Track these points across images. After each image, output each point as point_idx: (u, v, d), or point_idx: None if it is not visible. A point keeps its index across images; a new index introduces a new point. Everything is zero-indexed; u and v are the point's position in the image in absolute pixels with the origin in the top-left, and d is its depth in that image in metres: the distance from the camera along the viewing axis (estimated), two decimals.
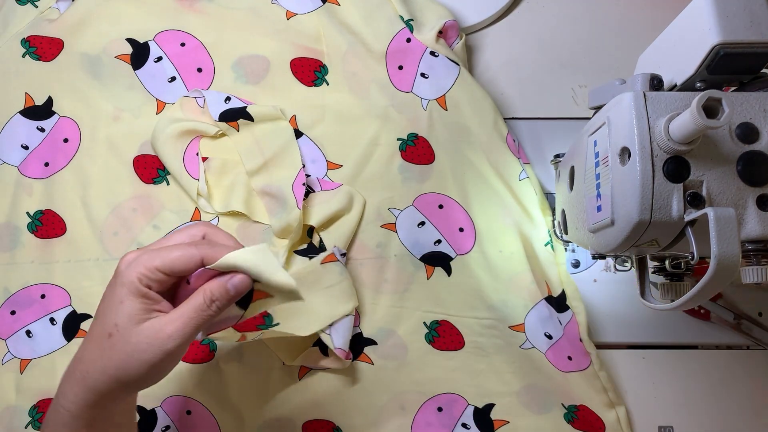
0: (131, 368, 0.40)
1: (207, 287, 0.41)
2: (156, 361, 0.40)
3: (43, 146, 0.65)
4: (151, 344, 0.39)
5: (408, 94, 0.67)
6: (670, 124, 0.40)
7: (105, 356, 0.40)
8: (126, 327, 0.40)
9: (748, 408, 0.62)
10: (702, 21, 0.42)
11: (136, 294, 0.40)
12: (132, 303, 0.40)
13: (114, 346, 0.40)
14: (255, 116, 0.64)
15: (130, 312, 0.40)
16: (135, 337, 0.40)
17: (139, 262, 0.40)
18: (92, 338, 0.41)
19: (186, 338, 0.40)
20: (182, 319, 0.40)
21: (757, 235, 0.40)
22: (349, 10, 0.68)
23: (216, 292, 0.41)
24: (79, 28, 0.67)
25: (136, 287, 0.40)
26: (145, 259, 0.41)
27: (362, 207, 0.63)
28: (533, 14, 0.73)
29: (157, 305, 0.41)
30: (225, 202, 0.63)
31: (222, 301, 0.41)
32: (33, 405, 0.59)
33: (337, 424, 0.59)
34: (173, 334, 0.40)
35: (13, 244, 0.63)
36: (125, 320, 0.40)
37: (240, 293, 0.42)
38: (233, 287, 0.41)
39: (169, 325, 0.40)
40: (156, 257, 0.41)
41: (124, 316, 0.40)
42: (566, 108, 0.70)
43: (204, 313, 0.40)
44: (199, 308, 0.40)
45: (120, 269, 0.41)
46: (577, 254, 0.65)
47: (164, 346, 0.40)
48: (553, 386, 0.60)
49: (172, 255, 0.41)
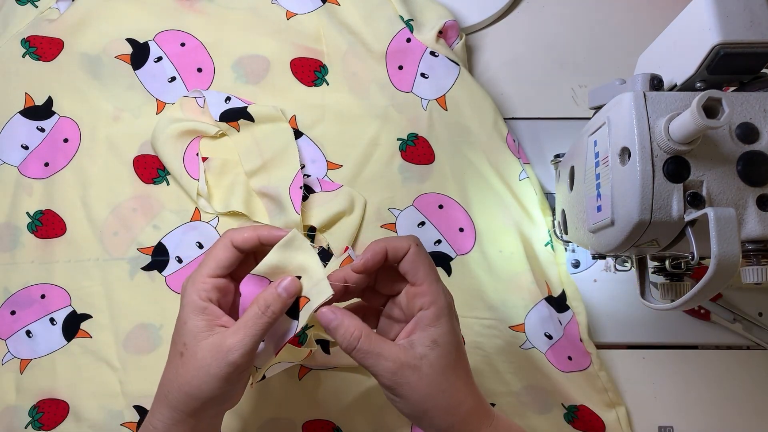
0: (202, 383, 0.41)
1: (260, 296, 0.43)
2: (223, 374, 0.41)
3: (43, 146, 0.65)
4: (215, 357, 0.41)
5: (408, 94, 0.67)
6: (670, 124, 0.40)
7: (179, 375, 0.42)
8: (193, 344, 0.42)
9: (748, 408, 0.62)
10: (702, 21, 0.42)
11: (197, 311, 0.43)
12: (195, 321, 0.42)
13: (185, 364, 0.42)
14: (255, 116, 0.64)
15: (194, 330, 0.42)
16: (201, 353, 0.42)
17: (192, 279, 0.44)
18: (169, 361, 0.44)
19: (247, 348, 0.41)
20: (242, 330, 0.42)
21: (757, 235, 0.40)
22: (349, 10, 0.68)
23: (269, 298, 0.42)
24: (79, 28, 0.67)
25: (196, 304, 0.43)
26: (195, 273, 0.44)
27: (363, 208, 0.63)
28: (533, 14, 0.73)
29: (219, 320, 0.43)
30: (225, 202, 0.63)
31: (276, 305, 0.42)
32: (33, 405, 0.59)
33: (337, 424, 0.59)
34: (234, 345, 0.41)
35: (13, 244, 0.63)
36: (191, 338, 0.42)
37: (291, 294, 0.43)
38: (284, 290, 0.42)
39: (231, 337, 0.41)
40: (203, 267, 0.44)
41: (189, 334, 0.42)
42: (566, 108, 0.70)
43: (261, 321, 0.42)
44: (255, 317, 0.42)
45: (182, 293, 0.44)
46: (577, 254, 0.65)
47: (228, 358, 0.41)
48: (553, 386, 0.60)
49: (212, 254, 0.44)
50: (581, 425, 0.59)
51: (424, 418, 0.43)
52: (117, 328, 0.61)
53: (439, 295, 0.43)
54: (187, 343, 0.42)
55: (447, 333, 0.43)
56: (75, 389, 0.60)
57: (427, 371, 0.42)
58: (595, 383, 0.60)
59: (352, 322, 0.42)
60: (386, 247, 0.43)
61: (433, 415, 0.42)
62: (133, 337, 0.61)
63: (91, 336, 0.61)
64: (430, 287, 0.43)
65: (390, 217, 0.64)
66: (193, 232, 0.63)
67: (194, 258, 0.63)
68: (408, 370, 0.41)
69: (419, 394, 0.42)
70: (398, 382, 0.41)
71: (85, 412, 0.59)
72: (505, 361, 0.61)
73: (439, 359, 0.42)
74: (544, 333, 0.61)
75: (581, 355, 0.61)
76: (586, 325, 0.62)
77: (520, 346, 0.61)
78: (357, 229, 0.63)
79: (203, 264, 0.44)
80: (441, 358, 0.42)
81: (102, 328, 0.61)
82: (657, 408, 0.62)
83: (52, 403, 0.59)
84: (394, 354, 0.42)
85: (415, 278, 0.43)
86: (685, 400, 0.62)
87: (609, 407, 0.60)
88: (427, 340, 0.42)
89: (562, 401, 0.60)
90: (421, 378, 0.41)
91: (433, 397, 0.42)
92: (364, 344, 0.42)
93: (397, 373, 0.41)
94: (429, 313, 0.43)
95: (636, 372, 0.63)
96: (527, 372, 0.60)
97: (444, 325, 0.43)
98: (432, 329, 0.42)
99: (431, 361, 0.42)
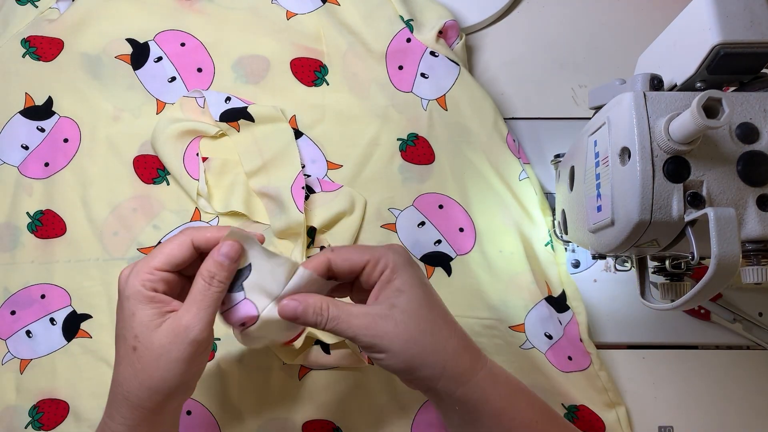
0: (164, 372, 0.40)
1: (202, 267, 0.42)
2: (185, 356, 0.40)
3: (43, 146, 0.65)
4: (174, 341, 0.40)
5: (408, 94, 0.67)
6: (670, 124, 0.40)
7: (137, 370, 0.41)
8: (146, 334, 0.40)
9: (748, 408, 0.62)
10: (702, 21, 0.42)
11: (144, 301, 0.41)
12: (143, 311, 0.41)
13: (142, 358, 0.40)
14: (255, 116, 0.64)
15: (144, 320, 0.41)
16: (157, 341, 0.40)
17: (137, 269, 0.42)
18: (120, 359, 0.42)
19: (204, 323, 0.41)
20: (194, 306, 0.41)
21: (757, 235, 0.40)
22: (349, 10, 0.68)
23: (211, 268, 0.41)
24: (79, 28, 0.67)
25: (142, 294, 0.41)
26: (141, 264, 0.42)
27: (363, 208, 0.63)
28: (533, 14, 0.73)
29: (168, 306, 0.42)
30: (225, 202, 0.63)
31: (220, 273, 0.41)
32: (33, 405, 0.59)
33: (337, 424, 0.59)
34: (191, 322, 0.40)
35: (13, 244, 0.63)
36: (143, 329, 0.40)
37: (231, 257, 0.42)
38: (222, 256, 0.41)
39: (185, 315, 0.40)
40: (151, 259, 0.42)
41: (140, 325, 0.40)
42: (566, 108, 0.70)
43: (210, 292, 0.41)
44: (204, 289, 0.41)
45: (121, 285, 0.42)
46: (577, 254, 0.65)
47: (188, 336, 0.40)
48: (553, 386, 0.60)
49: (165, 249, 0.42)
50: (581, 425, 0.59)
51: (414, 366, 0.43)
52: None
53: (385, 254, 0.44)
54: (139, 335, 0.40)
55: (408, 280, 0.43)
56: (75, 389, 0.60)
57: (401, 317, 0.42)
58: (595, 383, 0.60)
59: (315, 298, 0.43)
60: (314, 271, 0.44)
61: (422, 360, 0.42)
62: None
63: (91, 336, 0.61)
64: (371, 256, 0.43)
65: (390, 217, 0.64)
66: None
67: None
68: (381, 320, 0.42)
69: (400, 341, 0.42)
70: (376, 335, 0.42)
71: (85, 412, 0.59)
72: (505, 361, 0.61)
73: (409, 303, 0.43)
74: (544, 333, 0.61)
75: (581, 355, 0.61)
76: (586, 325, 0.62)
77: (520, 346, 0.61)
78: (357, 230, 0.63)
79: (151, 256, 0.42)
80: (411, 301, 0.43)
81: (102, 328, 0.61)
82: (657, 408, 0.62)
83: (52, 403, 0.59)
84: (363, 310, 0.42)
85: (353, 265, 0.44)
86: (685, 400, 0.62)
87: (609, 407, 0.60)
88: (391, 292, 0.43)
89: (562, 401, 0.60)
90: (397, 324, 0.42)
91: (415, 340, 0.42)
92: (333, 311, 0.42)
93: (371, 327, 0.42)
94: (384, 275, 0.43)
95: (636, 372, 0.63)
96: (527, 372, 0.60)
97: (402, 274, 0.43)
98: (392, 283, 0.43)
99: (402, 308, 0.42)
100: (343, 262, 0.44)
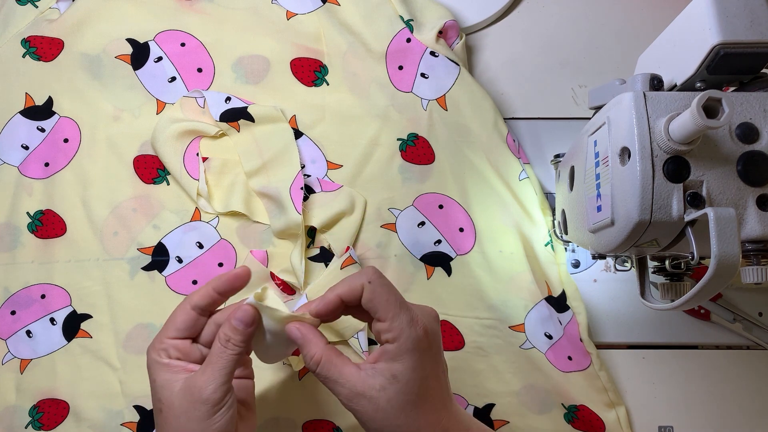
0: (188, 430, 0.42)
1: (220, 331, 0.44)
2: (202, 415, 0.42)
3: (43, 146, 0.65)
4: (192, 401, 0.42)
5: (408, 94, 0.67)
6: (670, 124, 0.40)
7: (165, 431, 0.43)
8: (168, 397, 0.43)
9: (748, 408, 0.62)
10: (702, 21, 0.42)
11: (161, 368, 0.44)
12: (161, 376, 0.44)
13: (167, 420, 0.43)
14: (255, 116, 0.64)
15: (164, 383, 0.44)
16: (177, 402, 0.43)
17: (152, 341, 0.45)
18: (155, 424, 0.45)
19: (220, 383, 0.42)
20: (209, 367, 0.43)
21: (757, 235, 0.40)
22: (349, 10, 0.68)
23: (228, 332, 0.43)
24: (79, 28, 0.67)
25: (158, 363, 0.44)
26: (156, 335, 0.46)
27: (363, 208, 0.63)
28: (533, 14, 0.73)
29: (186, 368, 0.44)
30: (225, 202, 0.63)
31: (236, 337, 0.43)
32: (33, 405, 0.59)
33: (337, 424, 0.59)
34: (204, 383, 0.42)
35: (13, 244, 0.63)
36: (165, 392, 0.43)
37: (247, 322, 0.43)
38: (237, 321, 0.43)
39: (199, 377, 0.43)
40: (163, 331, 0.46)
41: (161, 389, 0.44)
42: (566, 108, 0.70)
43: (225, 355, 0.43)
44: (219, 352, 0.43)
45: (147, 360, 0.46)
46: (577, 254, 0.65)
47: (201, 396, 0.42)
48: (553, 386, 0.60)
49: (172, 319, 0.46)
50: (581, 425, 0.59)
51: None
52: (117, 328, 0.61)
53: (402, 331, 0.42)
54: (162, 398, 0.43)
55: (409, 369, 0.42)
56: (75, 389, 0.60)
57: (384, 405, 0.41)
58: (595, 383, 0.60)
59: (316, 344, 0.43)
60: (340, 295, 0.44)
61: None
62: (133, 337, 0.61)
63: (91, 336, 0.61)
64: (391, 324, 0.42)
65: (390, 217, 0.64)
66: (193, 232, 0.63)
67: (194, 258, 0.63)
68: (364, 400, 0.42)
69: (375, 424, 0.42)
70: (354, 408, 0.42)
71: (85, 412, 0.59)
72: (505, 361, 0.61)
73: (398, 395, 0.41)
74: (544, 333, 0.61)
75: (581, 355, 0.61)
76: (586, 325, 0.62)
77: (520, 346, 0.61)
78: (358, 229, 0.63)
79: (163, 327, 0.46)
80: (400, 394, 0.41)
81: (102, 328, 0.61)
82: (657, 408, 0.62)
83: (52, 403, 0.60)
84: (351, 383, 0.42)
85: (377, 315, 0.43)
86: (685, 400, 0.62)
87: (609, 407, 0.60)
88: (388, 372, 0.42)
89: (562, 401, 0.60)
90: (377, 410, 0.41)
91: (389, 429, 0.42)
92: (322, 370, 0.43)
93: (353, 401, 0.42)
94: (392, 347, 0.42)
95: (636, 372, 0.63)
96: (527, 372, 0.60)
97: (406, 361, 0.42)
98: (394, 364, 0.42)
99: (389, 396, 0.41)
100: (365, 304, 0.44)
